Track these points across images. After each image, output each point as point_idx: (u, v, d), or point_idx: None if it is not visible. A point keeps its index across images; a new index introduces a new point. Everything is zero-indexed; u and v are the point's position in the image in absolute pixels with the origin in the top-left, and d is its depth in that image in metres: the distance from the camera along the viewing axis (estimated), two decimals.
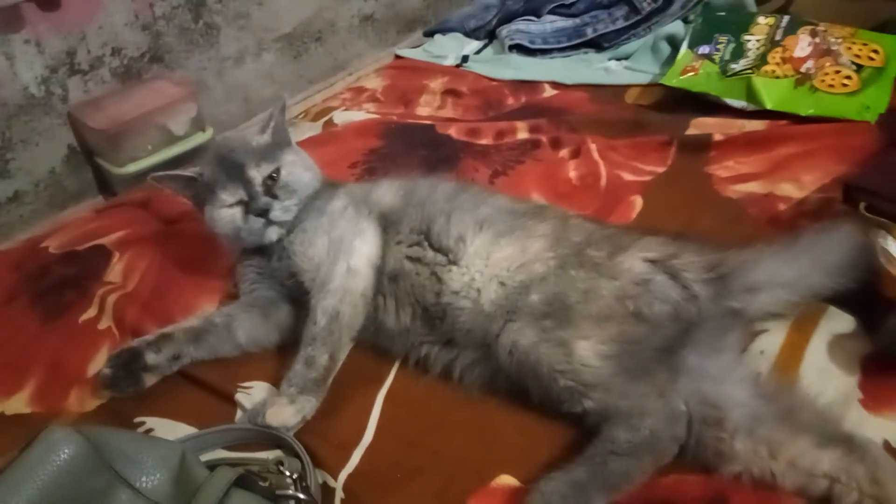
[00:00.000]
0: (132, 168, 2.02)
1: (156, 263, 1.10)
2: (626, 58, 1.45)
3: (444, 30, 1.69)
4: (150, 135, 2.05)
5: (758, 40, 1.28)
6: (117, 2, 2.08)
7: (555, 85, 1.43)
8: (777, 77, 1.20)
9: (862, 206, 0.86)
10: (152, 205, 1.23)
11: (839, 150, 1.07)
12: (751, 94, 1.19)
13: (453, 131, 1.29)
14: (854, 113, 1.12)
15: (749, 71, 1.22)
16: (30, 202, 1.85)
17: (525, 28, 1.52)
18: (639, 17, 1.46)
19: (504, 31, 1.54)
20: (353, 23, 2.78)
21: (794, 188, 1.02)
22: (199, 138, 2.15)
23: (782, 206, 1.00)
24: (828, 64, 1.19)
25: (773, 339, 0.80)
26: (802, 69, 1.20)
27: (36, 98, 1.82)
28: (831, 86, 1.16)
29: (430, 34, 1.73)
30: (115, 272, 1.09)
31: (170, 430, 0.82)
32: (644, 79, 1.38)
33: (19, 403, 0.89)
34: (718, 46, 1.29)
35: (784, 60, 1.22)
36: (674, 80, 1.27)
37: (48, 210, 1.88)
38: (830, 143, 1.09)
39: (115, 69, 2.15)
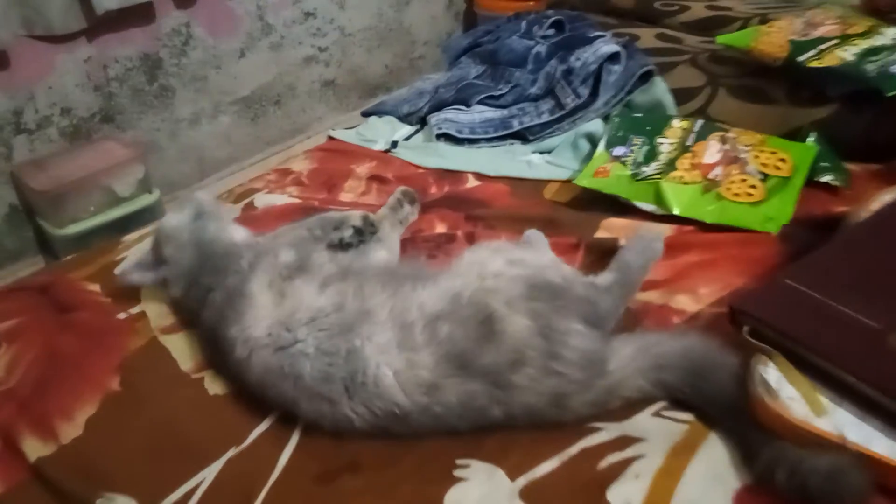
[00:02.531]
0: (73, 229, 2.01)
1: (43, 356, 1.06)
2: (549, 152, 1.46)
3: (380, 112, 1.71)
4: (93, 196, 2.03)
5: (670, 143, 1.30)
6: (69, 63, 2.09)
7: (478, 176, 1.43)
8: (685, 183, 1.21)
9: (745, 329, 0.86)
10: (52, 291, 1.19)
11: (739, 262, 1.07)
12: (659, 199, 1.20)
13: None
14: (757, 223, 1.13)
15: (658, 175, 1.24)
16: None
17: (454, 117, 1.54)
18: (563, 112, 1.48)
19: (434, 118, 1.55)
20: (314, 87, 2.82)
21: (689, 300, 1.02)
22: (144, 200, 2.14)
23: (676, 319, 0.99)
24: (735, 172, 1.21)
25: (648, 464, 0.79)
26: (710, 175, 1.22)
27: None
28: (737, 194, 1.17)
29: (367, 114, 1.74)
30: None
31: None
32: (563, 174, 1.39)
33: None
34: (633, 148, 1.31)
35: (693, 166, 1.24)
36: (586, 180, 1.28)
37: None
38: (732, 253, 1.10)
39: (63, 129, 2.15)
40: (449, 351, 0.84)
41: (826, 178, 1.22)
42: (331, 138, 1.65)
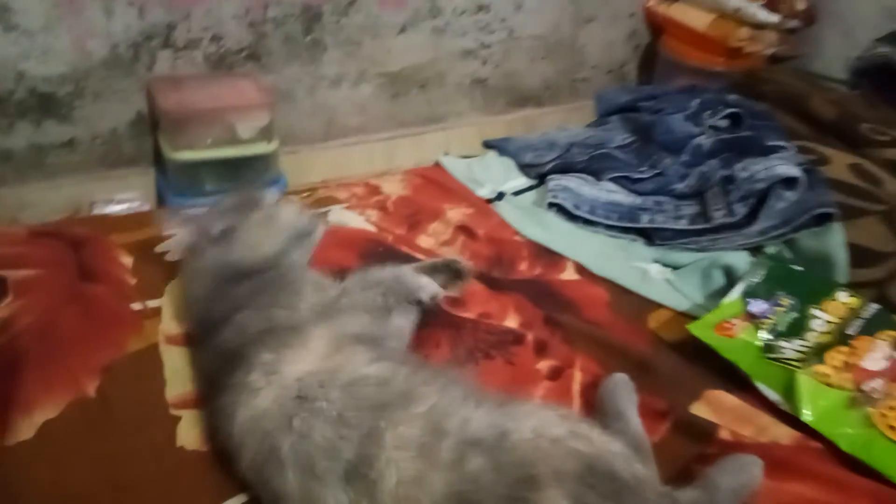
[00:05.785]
0: (184, 156, 2.01)
1: (39, 325, 0.96)
2: (674, 267, 1.21)
3: (503, 149, 1.50)
4: (214, 130, 1.99)
5: (827, 322, 1.02)
6: None
7: (579, 268, 1.21)
8: (829, 384, 0.93)
9: None
10: (84, 249, 1.09)
11: None
12: (789, 393, 0.93)
13: None
14: None
15: (797, 362, 0.96)
16: (82, 152, 1.86)
17: (576, 188, 1.31)
18: (706, 226, 1.22)
19: (552, 182, 1.32)
20: (464, 82, 2.68)
21: None
22: (261, 148, 2.09)
23: None
24: None
25: None
26: (865, 387, 0.93)
27: (122, 59, 1.84)
28: (892, 427, 0.89)
29: (489, 146, 1.54)
30: None
31: None
32: (680, 304, 1.13)
33: None
34: (777, 310, 1.04)
35: (846, 366, 0.95)
36: (702, 330, 1.02)
37: (98, 166, 1.90)
38: None
39: (208, 55, 2.14)
40: (466, 492, 0.68)
41: None
42: (437, 164, 1.46)
